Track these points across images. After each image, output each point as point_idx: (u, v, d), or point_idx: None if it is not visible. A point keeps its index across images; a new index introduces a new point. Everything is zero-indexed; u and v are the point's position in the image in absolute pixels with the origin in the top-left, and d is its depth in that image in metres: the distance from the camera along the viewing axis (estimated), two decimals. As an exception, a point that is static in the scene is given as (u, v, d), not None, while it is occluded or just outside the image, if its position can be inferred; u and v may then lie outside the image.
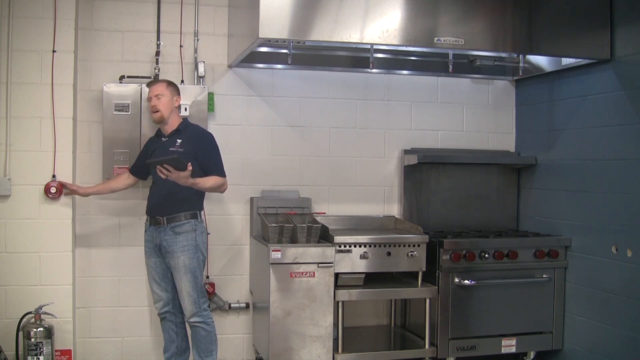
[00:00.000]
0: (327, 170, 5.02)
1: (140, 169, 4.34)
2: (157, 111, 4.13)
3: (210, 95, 4.72)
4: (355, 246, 4.39)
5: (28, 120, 4.35)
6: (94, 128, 4.59)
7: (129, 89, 4.51)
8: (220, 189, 4.13)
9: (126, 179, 4.42)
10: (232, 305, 4.81)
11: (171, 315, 4.22)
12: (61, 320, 4.36)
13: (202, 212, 4.21)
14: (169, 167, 3.78)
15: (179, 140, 4.09)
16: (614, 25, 4.32)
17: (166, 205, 4.07)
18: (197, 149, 4.06)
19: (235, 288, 4.84)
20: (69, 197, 4.40)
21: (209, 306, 4.19)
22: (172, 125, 4.17)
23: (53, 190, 4.34)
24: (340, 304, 4.40)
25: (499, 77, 5.29)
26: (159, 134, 4.25)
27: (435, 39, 4.07)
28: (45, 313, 4.24)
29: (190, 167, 3.80)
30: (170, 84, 4.23)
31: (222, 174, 4.10)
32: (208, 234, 4.72)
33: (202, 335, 4.09)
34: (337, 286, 4.38)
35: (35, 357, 4.17)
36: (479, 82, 5.29)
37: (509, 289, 4.64)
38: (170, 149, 4.06)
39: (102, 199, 4.62)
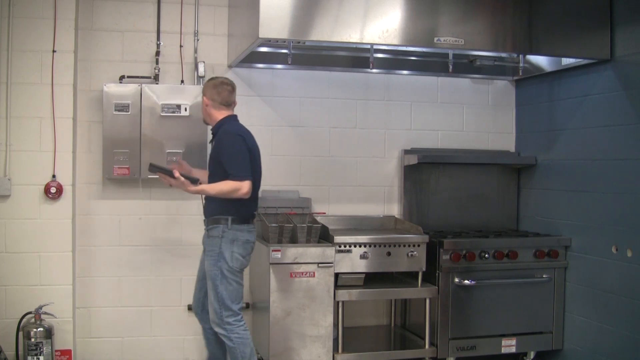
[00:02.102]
0: (327, 170, 5.02)
1: None
2: None
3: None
4: (355, 246, 4.39)
5: (28, 120, 4.35)
6: (94, 128, 4.59)
7: (129, 89, 4.51)
8: (234, 193, 3.73)
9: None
10: (232, 305, 4.81)
11: (199, 317, 4.14)
12: (61, 320, 4.36)
13: (238, 219, 3.85)
14: (163, 175, 3.79)
15: (213, 143, 3.97)
16: (614, 25, 4.32)
17: (206, 207, 3.98)
18: (219, 152, 3.84)
19: (235, 288, 4.84)
20: (69, 197, 4.41)
21: (237, 320, 3.85)
22: (212, 125, 4.02)
23: (53, 190, 4.34)
24: (340, 304, 4.40)
25: (499, 77, 5.29)
26: None
27: (435, 39, 4.07)
28: (45, 313, 4.24)
29: (177, 175, 3.72)
30: (204, 84, 4.05)
31: (236, 177, 3.73)
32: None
33: (227, 348, 3.90)
34: (337, 286, 4.38)
35: (35, 357, 4.17)
36: (479, 82, 5.29)
37: (509, 289, 4.64)
38: (210, 152, 3.99)
39: (103, 198, 4.62)
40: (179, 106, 4.56)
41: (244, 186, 3.73)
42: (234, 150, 3.80)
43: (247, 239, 3.88)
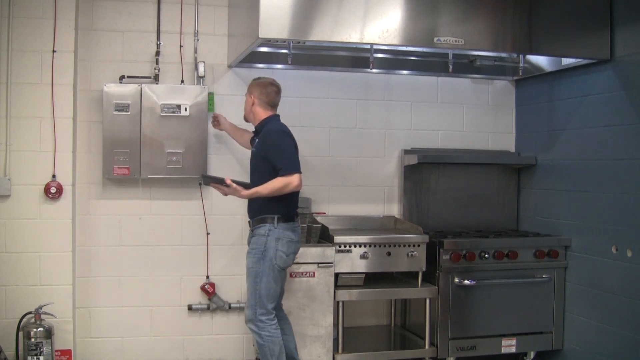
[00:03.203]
0: (327, 170, 5.02)
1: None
2: None
3: (210, 95, 4.71)
4: (355, 246, 4.39)
5: (28, 120, 4.35)
6: (94, 128, 4.59)
7: (129, 89, 4.51)
8: (286, 188, 3.77)
9: (243, 135, 4.51)
10: (232, 305, 4.81)
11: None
12: (61, 320, 4.36)
13: (284, 217, 3.87)
14: (218, 185, 3.82)
15: (257, 140, 4.00)
16: (614, 25, 4.32)
17: (251, 208, 4.00)
18: (265, 150, 3.89)
19: (235, 288, 4.84)
20: (69, 197, 4.41)
21: (270, 318, 3.85)
22: (255, 123, 4.07)
23: (53, 190, 4.34)
24: (340, 304, 4.41)
25: (499, 77, 5.29)
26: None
27: (435, 39, 4.07)
28: (45, 313, 4.24)
29: (228, 181, 3.75)
30: (251, 83, 4.12)
31: (286, 172, 3.78)
32: (208, 233, 4.74)
33: (258, 345, 3.90)
34: (337, 286, 4.38)
35: (35, 357, 4.17)
36: (479, 82, 5.29)
37: (509, 289, 4.64)
38: (252, 149, 4.04)
39: (103, 198, 4.62)
40: (179, 106, 4.56)
41: (294, 179, 3.79)
42: (282, 146, 3.87)
43: (292, 238, 3.91)
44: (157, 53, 4.65)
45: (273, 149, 3.87)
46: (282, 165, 3.80)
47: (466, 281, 4.51)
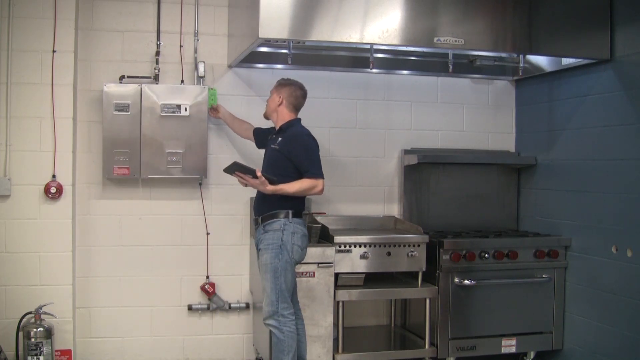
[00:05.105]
0: (327, 170, 4.96)
1: (260, 138, 4.40)
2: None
3: (212, 91, 4.69)
4: (355, 246, 4.39)
5: (28, 120, 4.35)
6: (94, 128, 4.59)
7: (129, 89, 4.51)
8: (310, 191, 3.90)
9: (248, 130, 4.55)
10: (232, 305, 4.81)
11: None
12: (61, 320, 4.36)
13: (296, 212, 3.93)
14: (243, 175, 3.81)
15: (280, 139, 4.01)
16: (614, 25, 4.32)
17: (261, 205, 3.99)
18: (290, 150, 3.92)
19: (235, 288, 4.84)
20: (69, 197, 4.41)
21: (291, 313, 3.87)
22: (279, 122, 4.09)
23: (53, 190, 4.34)
24: (340, 304, 4.41)
25: (499, 77, 5.29)
26: (274, 128, 4.20)
27: (435, 39, 4.07)
28: (45, 313, 4.24)
29: (258, 173, 3.77)
30: (278, 83, 4.17)
31: (313, 175, 3.89)
32: (208, 233, 4.75)
33: (274, 341, 3.87)
34: (337, 286, 4.38)
35: (35, 357, 4.17)
36: (479, 82, 5.29)
37: (509, 289, 4.64)
38: (271, 145, 4.04)
39: (103, 198, 4.62)
40: (179, 106, 4.56)
41: (319, 184, 3.91)
42: (313, 151, 3.96)
43: (304, 232, 3.97)
44: (157, 53, 4.65)
45: (302, 151, 3.93)
46: (310, 168, 3.89)
47: (466, 281, 4.51)
